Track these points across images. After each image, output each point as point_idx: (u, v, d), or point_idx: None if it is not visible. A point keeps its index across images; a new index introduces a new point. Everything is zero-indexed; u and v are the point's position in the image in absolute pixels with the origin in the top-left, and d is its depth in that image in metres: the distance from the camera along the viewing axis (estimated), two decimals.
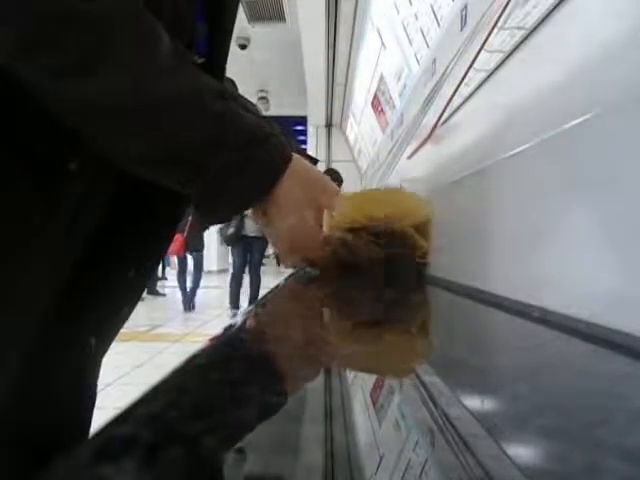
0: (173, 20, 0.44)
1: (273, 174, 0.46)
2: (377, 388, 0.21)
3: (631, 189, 0.28)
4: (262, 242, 4.24)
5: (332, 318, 0.44)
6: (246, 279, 4.60)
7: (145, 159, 0.42)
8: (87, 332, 0.52)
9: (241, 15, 4.07)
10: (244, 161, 0.43)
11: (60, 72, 0.37)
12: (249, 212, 0.51)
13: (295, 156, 0.48)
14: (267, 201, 0.47)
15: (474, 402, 0.18)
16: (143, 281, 0.57)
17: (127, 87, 0.38)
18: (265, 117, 0.54)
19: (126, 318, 0.58)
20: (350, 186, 3.56)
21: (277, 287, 0.60)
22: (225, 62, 0.58)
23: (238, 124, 0.43)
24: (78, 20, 0.36)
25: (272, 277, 5.36)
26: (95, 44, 0.37)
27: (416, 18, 1.66)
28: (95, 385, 0.58)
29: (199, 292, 5.38)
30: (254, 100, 5.80)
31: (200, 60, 0.51)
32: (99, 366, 0.58)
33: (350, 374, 0.24)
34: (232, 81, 0.84)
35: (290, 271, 0.71)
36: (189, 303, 5.19)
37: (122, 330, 0.59)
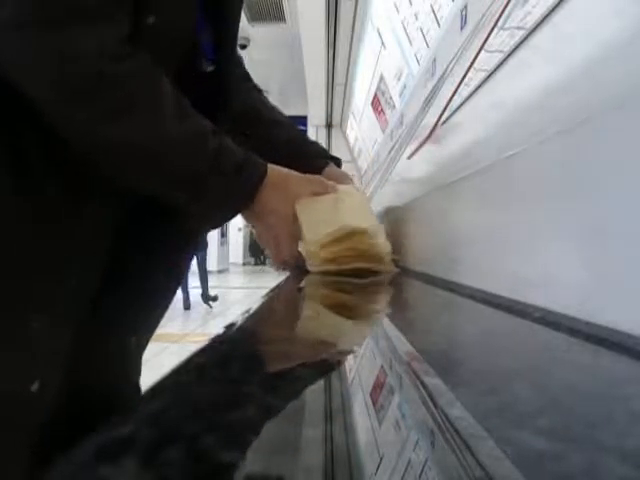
0: (168, 41, 0.50)
1: (253, 190, 0.58)
2: (376, 387, 0.21)
3: (631, 189, 0.28)
4: None
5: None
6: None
7: (157, 186, 0.51)
8: (128, 331, 0.57)
9: (241, 15, 4.08)
10: (234, 182, 0.55)
11: (93, 120, 0.45)
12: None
13: (270, 169, 0.59)
14: (253, 209, 0.59)
15: (472, 401, 0.18)
16: (175, 282, 0.66)
17: (146, 132, 0.47)
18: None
19: (161, 317, 0.64)
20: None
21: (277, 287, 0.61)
22: (232, 62, 0.65)
23: (228, 156, 0.54)
24: (108, 79, 0.44)
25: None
26: (122, 99, 0.45)
27: (416, 18, 1.66)
28: (139, 382, 0.63)
29: (198, 292, 5.39)
30: None
31: (210, 68, 0.60)
32: (140, 364, 0.63)
33: (350, 375, 0.24)
34: (240, 58, 0.92)
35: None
36: (206, 300, 5.34)
37: None
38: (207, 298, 5.41)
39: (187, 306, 5.27)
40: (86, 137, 0.46)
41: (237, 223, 11.96)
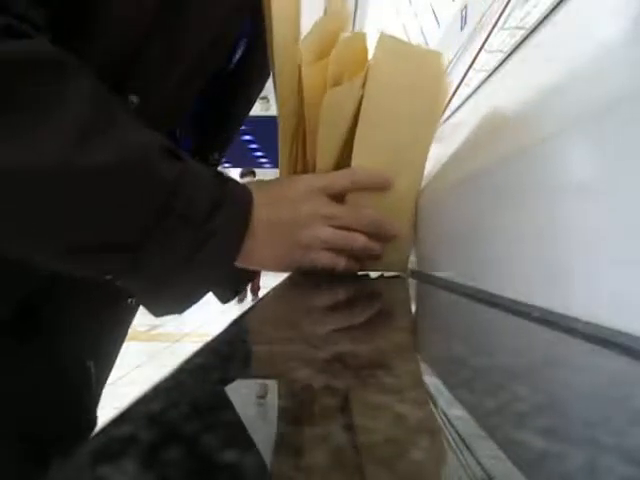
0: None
1: (237, 242, 0.38)
2: (377, 386, 0.21)
3: (631, 190, 0.28)
4: None
5: None
6: None
7: (69, 251, 0.32)
8: (84, 355, 0.51)
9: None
10: (204, 237, 0.34)
11: None
12: None
13: (255, 202, 0.40)
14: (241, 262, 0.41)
15: (473, 402, 0.18)
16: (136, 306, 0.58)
17: (30, 153, 0.29)
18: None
19: (122, 342, 0.58)
20: None
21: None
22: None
23: (193, 191, 0.34)
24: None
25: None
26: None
27: (416, 18, 1.66)
28: (95, 413, 0.57)
29: None
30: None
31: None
32: (99, 396, 0.57)
33: (350, 374, 0.24)
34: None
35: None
36: None
37: None
38: None
39: None
40: None
41: None
